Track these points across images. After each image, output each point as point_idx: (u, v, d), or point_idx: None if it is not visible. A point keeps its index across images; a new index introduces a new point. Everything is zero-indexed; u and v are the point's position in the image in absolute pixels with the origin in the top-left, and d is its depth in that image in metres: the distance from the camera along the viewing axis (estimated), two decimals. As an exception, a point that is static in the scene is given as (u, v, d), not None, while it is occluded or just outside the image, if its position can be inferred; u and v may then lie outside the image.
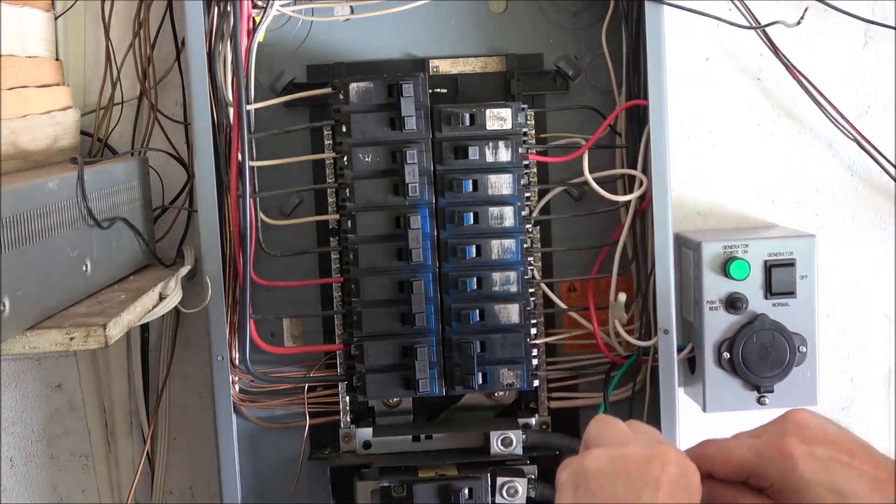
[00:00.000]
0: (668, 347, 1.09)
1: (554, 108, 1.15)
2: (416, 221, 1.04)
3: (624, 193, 1.12)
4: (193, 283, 1.11)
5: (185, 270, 1.08)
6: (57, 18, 1.15)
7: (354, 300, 1.06)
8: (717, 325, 1.12)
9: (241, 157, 1.04)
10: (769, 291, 1.12)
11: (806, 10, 1.03)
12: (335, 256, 1.11)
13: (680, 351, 1.11)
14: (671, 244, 1.08)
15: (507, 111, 1.05)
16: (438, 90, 1.12)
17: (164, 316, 1.08)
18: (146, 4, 1.15)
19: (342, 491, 1.12)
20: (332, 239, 1.12)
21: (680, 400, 1.11)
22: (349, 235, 1.06)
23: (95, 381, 1.22)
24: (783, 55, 1.18)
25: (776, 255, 1.12)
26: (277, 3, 1.07)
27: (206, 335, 1.07)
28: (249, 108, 1.06)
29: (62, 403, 1.24)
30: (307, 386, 1.14)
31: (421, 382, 1.05)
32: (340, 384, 1.13)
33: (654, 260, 1.08)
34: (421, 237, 1.04)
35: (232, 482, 1.09)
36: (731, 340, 1.12)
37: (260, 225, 1.09)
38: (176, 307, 1.05)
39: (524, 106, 1.08)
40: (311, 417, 1.14)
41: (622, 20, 1.11)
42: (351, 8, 1.12)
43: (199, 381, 1.22)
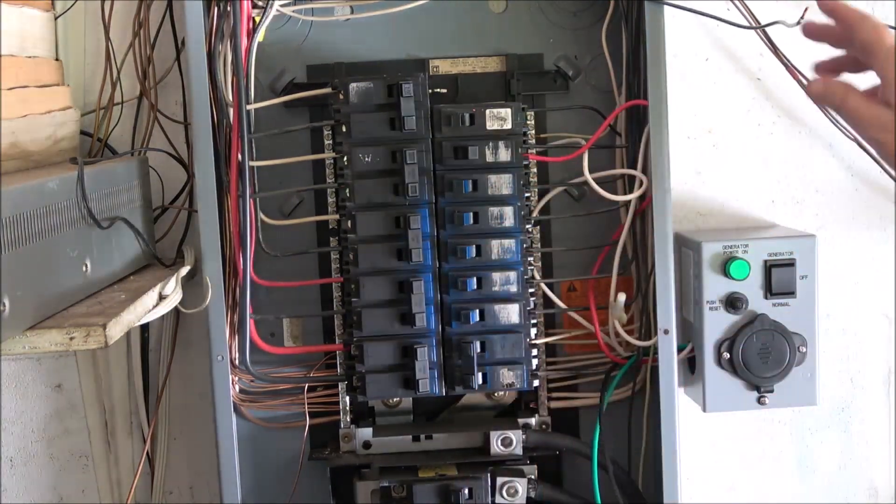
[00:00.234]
0: (668, 347, 1.08)
1: (554, 108, 1.15)
2: (416, 221, 1.04)
3: (624, 193, 1.12)
4: (193, 283, 1.11)
5: (185, 270, 1.08)
6: (57, 18, 1.15)
7: (354, 300, 1.06)
8: (717, 325, 1.12)
9: (241, 157, 1.04)
10: (769, 291, 1.12)
11: (806, 10, 1.03)
12: (335, 256, 1.11)
13: (680, 351, 1.11)
14: (671, 244, 1.08)
15: (507, 111, 1.05)
16: (438, 90, 1.12)
17: (164, 316, 1.08)
18: (146, 4, 1.15)
19: (342, 491, 1.12)
20: (332, 239, 1.12)
21: (680, 400, 1.11)
22: (349, 235, 1.06)
23: (95, 381, 1.22)
24: (783, 55, 1.18)
25: (776, 255, 1.12)
26: (277, 3, 1.07)
27: (206, 335, 1.07)
28: (249, 108, 1.06)
29: (62, 403, 1.24)
30: (307, 386, 1.14)
31: (421, 382, 1.05)
32: (340, 384, 1.13)
33: (654, 260, 1.08)
34: (421, 237, 1.04)
35: (232, 482, 1.09)
36: (731, 340, 1.11)
37: (260, 225, 1.09)
38: (176, 307, 1.05)
39: (524, 106, 1.08)
40: (311, 417, 1.14)
41: (622, 20, 1.11)
42: (351, 8, 1.12)
43: (199, 381, 1.21)
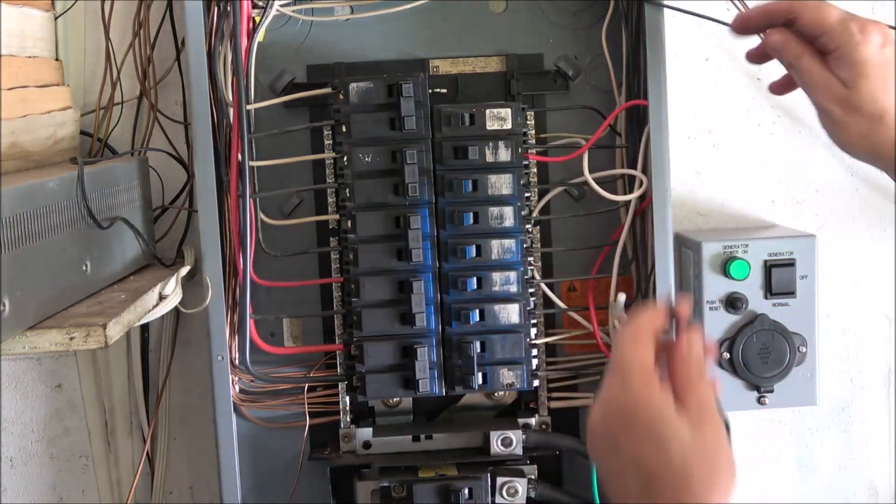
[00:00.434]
0: (668, 347, 1.08)
1: (554, 108, 1.15)
2: (416, 221, 1.04)
3: (624, 193, 1.12)
4: (193, 283, 1.11)
5: (185, 270, 1.08)
6: (57, 18, 1.15)
7: (354, 300, 1.06)
8: (717, 325, 1.12)
9: (241, 157, 1.04)
10: (769, 291, 1.12)
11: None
12: (335, 256, 1.11)
13: (680, 351, 1.11)
14: (671, 244, 1.08)
15: (507, 111, 1.05)
16: (438, 90, 1.12)
17: (164, 316, 1.08)
18: (146, 4, 1.15)
19: (342, 491, 1.12)
20: (332, 239, 1.12)
21: (680, 400, 1.11)
22: (349, 235, 1.06)
23: (95, 381, 1.22)
24: (783, 55, 1.18)
25: (776, 255, 1.12)
26: (277, 3, 1.07)
27: (206, 335, 1.07)
28: (249, 108, 1.05)
29: (62, 403, 1.24)
30: (307, 386, 1.14)
31: (421, 382, 1.05)
32: (340, 384, 1.13)
33: (654, 260, 1.08)
34: (421, 237, 1.04)
35: (232, 482, 1.09)
36: (731, 340, 1.12)
37: (260, 225, 1.09)
38: (176, 307, 1.05)
39: (524, 106, 1.08)
40: (311, 417, 1.14)
41: (622, 20, 1.11)
42: (351, 8, 1.12)
43: (199, 381, 1.21)
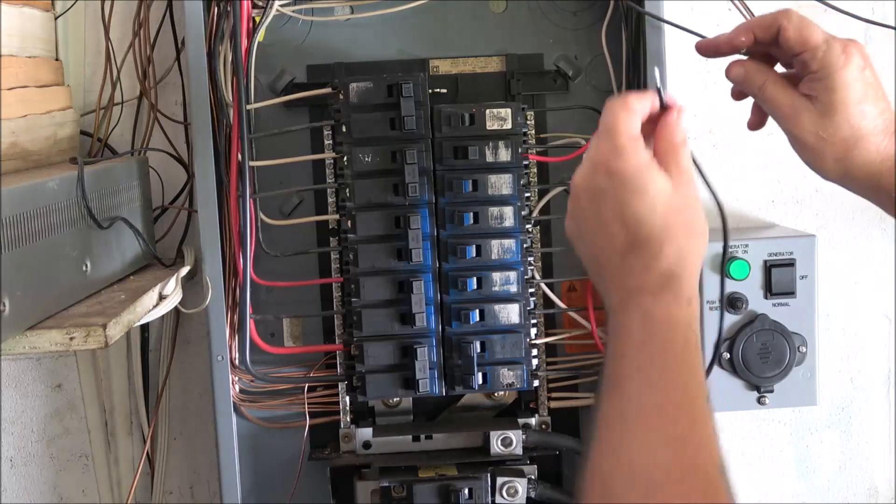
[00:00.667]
0: (668, 347, 1.08)
1: (554, 108, 1.15)
2: (416, 221, 1.04)
3: (624, 193, 1.11)
4: (193, 283, 1.11)
5: (185, 270, 1.08)
6: (57, 18, 1.15)
7: (354, 300, 1.06)
8: (717, 325, 1.12)
9: (241, 157, 1.04)
10: (769, 291, 1.12)
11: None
12: (335, 256, 1.11)
13: (680, 351, 1.11)
14: (671, 244, 1.08)
15: (507, 111, 1.05)
16: (438, 90, 1.12)
17: (164, 316, 1.08)
18: (146, 4, 1.15)
19: (342, 491, 1.12)
20: (332, 239, 1.12)
21: (680, 400, 1.10)
22: (349, 235, 1.06)
23: (95, 381, 1.22)
24: (783, 55, 1.18)
25: (776, 255, 1.12)
26: (277, 3, 1.07)
27: (206, 335, 1.07)
28: (249, 108, 1.05)
29: (62, 403, 1.24)
30: (307, 386, 1.14)
31: (421, 382, 1.05)
32: (340, 384, 1.13)
33: (654, 260, 1.08)
34: (421, 237, 1.04)
35: (232, 482, 1.09)
36: (731, 340, 1.11)
37: (260, 225, 1.09)
38: (176, 307, 1.05)
39: (524, 106, 1.08)
40: (311, 417, 1.13)
41: (622, 20, 1.11)
42: (351, 8, 1.12)
43: (199, 381, 1.22)
